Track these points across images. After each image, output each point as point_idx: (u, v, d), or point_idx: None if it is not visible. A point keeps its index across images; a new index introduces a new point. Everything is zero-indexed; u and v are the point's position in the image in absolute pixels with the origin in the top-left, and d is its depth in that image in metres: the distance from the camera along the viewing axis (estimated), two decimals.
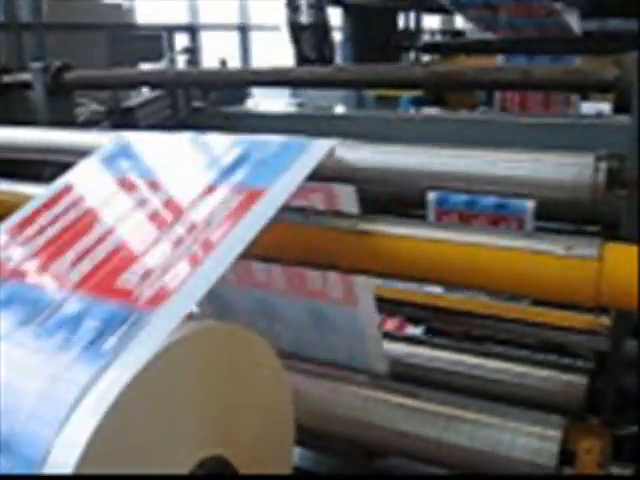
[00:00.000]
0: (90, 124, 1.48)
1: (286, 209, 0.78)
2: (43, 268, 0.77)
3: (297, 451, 0.86)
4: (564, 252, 0.72)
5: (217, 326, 0.68)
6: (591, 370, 0.99)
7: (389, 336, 1.10)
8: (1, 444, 0.59)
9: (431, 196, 0.95)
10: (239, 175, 0.82)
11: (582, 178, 0.76)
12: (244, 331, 0.70)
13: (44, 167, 1.20)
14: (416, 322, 1.22)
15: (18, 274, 0.78)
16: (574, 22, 2.82)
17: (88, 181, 0.92)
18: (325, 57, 3.86)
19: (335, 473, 0.93)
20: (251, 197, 0.77)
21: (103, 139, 1.02)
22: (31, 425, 0.59)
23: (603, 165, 0.76)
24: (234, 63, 8.14)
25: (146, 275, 0.71)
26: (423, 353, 1.08)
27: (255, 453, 0.71)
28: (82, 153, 1.00)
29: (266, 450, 0.74)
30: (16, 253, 0.82)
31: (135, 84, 1.39)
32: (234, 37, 8.73)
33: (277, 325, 1.03)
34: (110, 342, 0.63)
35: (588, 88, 1.26)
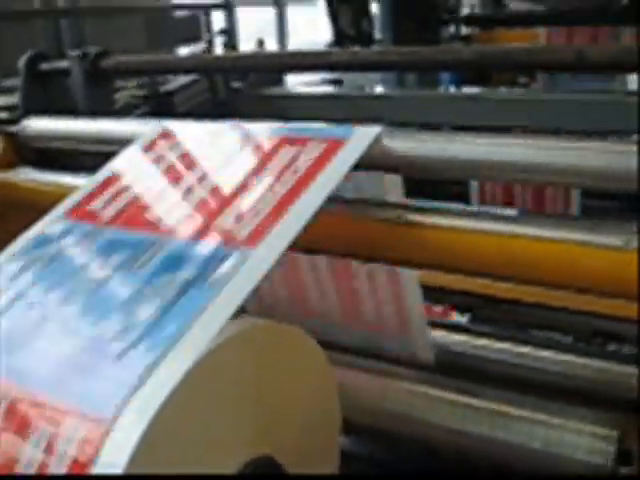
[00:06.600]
0: (129, 109, 1.48)
1: (330, 198, 0.77)
2: None
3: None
4: (622, 245, 0.69)
5: (264, 324, 0.67)
6: None
7: (434, 324, 1.08)
8: None
9: (475, 183, 0.92)
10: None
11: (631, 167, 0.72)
12: (291, 328, 0.69)
13: (79, 157, 1.20)
14: (462, 310, 1.19)
15: None
16: None
17: (134, 169, 0.92)
18: (363, 32, 3.79)
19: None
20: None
21: (143, 128, 1.02)
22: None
23: None
24: (270, 40, 8.05)
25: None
26: (468, 341, 1.06)
27: (302, 451, 0.70)
28: (123, 142, 0.99)
29: (313, 447, 0.73)
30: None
31: (173, 70, 1.38)
32: (270, 12, 8.63)
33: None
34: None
35: None
